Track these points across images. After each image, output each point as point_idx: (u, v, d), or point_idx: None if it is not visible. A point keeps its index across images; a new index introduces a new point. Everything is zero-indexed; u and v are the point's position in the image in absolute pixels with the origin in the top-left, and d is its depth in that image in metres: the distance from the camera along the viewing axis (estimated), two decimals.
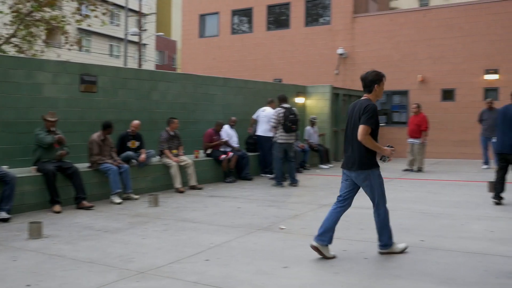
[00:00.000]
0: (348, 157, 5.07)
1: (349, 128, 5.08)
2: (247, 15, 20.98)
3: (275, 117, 10.15)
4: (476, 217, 6.98)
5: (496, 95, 15.80)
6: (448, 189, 9.72)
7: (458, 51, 16.39)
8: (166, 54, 48.89)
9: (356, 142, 4.94)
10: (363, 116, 4.87)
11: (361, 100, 5.08)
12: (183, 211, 7.58)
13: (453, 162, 15.21)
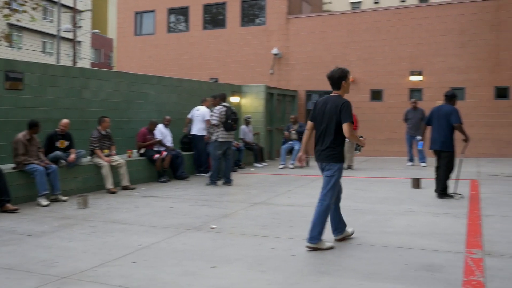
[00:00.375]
0: (320, 151, 5.33)
1: (323, 123, 5.26)
2: (183, 14, 20.72)
3: (217, 115, 10.00)
4: (400, 212, 7.19)
5: (420, 96, 16.41)
6: (376, 185, 9.99)
7: (385, 53, 16.90)
8: (103, 52, 47.61)
9: (330, 137, 5.22)
10: (342, 114, 5.10)
11: (332, 97, 5.28)
12: (113, 212, 7.36)
13: (381, 160, 15.67)
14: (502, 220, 6.53)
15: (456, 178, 8.65)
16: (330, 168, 5.28)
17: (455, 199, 8.17)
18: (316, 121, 5.38)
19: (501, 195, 8.54)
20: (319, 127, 5.34)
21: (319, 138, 5.35)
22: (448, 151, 8.13)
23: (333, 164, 5.26)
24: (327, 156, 5.25)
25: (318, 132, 5.36)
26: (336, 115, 5.14)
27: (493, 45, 15.55)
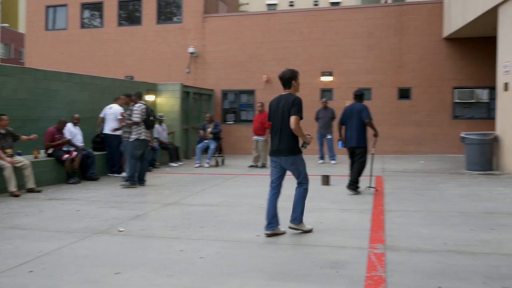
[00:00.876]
0: (277, 145, 5.67)
1: (277, 120, 5.63)
2: (97, 9, 19.87)
3: (139, 112, 9.56)
4: (309, 209, 7.22)
5: (331, 96, 16.82)
6: (288, 183, 10.00)
7: (298, 54, 17.16)
8: (13, 47, 44.78)
9: (286, 132, 5.56)
10: (293, 108, 5.47)
11: (285, 95, 5.65)
12: (14, 217, 6.83)
13: None
14: (403, 214, 6.76)
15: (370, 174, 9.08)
16: (292, 161, 5.67)
17: (369, 192, 8.56)
18: (272, 119, 5.71)
19: (403, 190, 8.87)
20: (275, 124, 5.68)
21: (275, 135, 5.69)
22: (362, 147, 8.49)
23: (293, 157, 5.64)
24: (285, 150, 5.61)
25: (275, 129, 5.69)
26: (289, 110, 5.50)
27: (397, 49, 16.25)
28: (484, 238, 5.41)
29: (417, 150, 16.07)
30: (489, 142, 11.11)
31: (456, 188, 8.91)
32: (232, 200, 8.18)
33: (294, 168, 5.74)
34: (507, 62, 10.84)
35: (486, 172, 10.85)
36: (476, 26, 13.38)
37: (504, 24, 11.09)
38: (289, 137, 5.57)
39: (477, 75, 15.63)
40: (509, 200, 7.66)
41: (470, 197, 7.96)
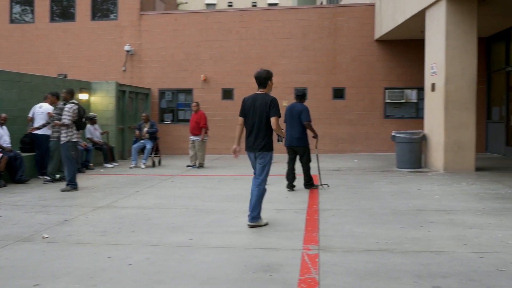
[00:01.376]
0: (252, 142, 5.95)
1: (254, 117, 5.90)
2: (29, 4, 18.80)
3: (70, 114, 8.91)
4: (245, 210, 7.03)
5: None
6: (224, 183, 9.86)
7: (235, 53, 16.98)
8: None
9: (261, 130, 5.88)
10: (272, 108, 5.81)
11: (260, 94, 5.99)
12: None
13: (232, 157, 15.64)
14: (337, 213, 6.72)
15: (318, 173, 9.22)
16: (263, 157, 5.94)
17: (322, 189, 8.66)
18: (247, 116, 5.97)
19: (337, 189, 8.88)
20: (250, 121, 5.95)
21: (251, 131, 5.96)
22: (304, 146, 8.58)
23: (266, 153, 5.94)
24: (261, 147, 5.90)
25: (250, 126, 5.96)
26: (266, 110, 5.81)
27: (331, 50, 16.41)
28: (414, 236, 5.43)
29: (351, 148, 16.31)
30: (418, 141, 11.38)
31: (387, 186, 9.03)
32: (167, 202, 7.88)
33: (262, 163, 5.98)
34: (434, 64, 11.14)
35: (416, 170, 11.11)
36: (406, 28, 13.72)
37: (431, 27, 11.40)
38: (264, 135, 5.91)
39: (407, 76, 16.06)
40: (436, 197, 7.81)
41: (400, 195, 8.07)
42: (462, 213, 6.56)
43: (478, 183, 9.10)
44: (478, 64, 10.86)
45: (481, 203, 7.22)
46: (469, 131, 10.64)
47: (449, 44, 10.54)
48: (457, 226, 5.85)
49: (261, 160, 5.96)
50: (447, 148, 10.62)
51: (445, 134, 10.62)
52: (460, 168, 10.60)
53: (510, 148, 14.01)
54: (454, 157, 10.61)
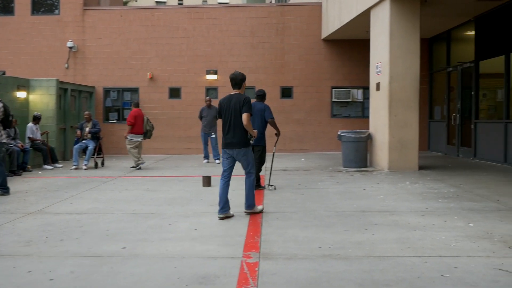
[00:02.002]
0: (230, 139, 6.24)
1: (229, 116, 6.21)
2: None
3: None
4: (185, 214, 6.68)
5: (216, 94, 16.36)
6: (167, 185, 9.39)
7: (183, 51, 16.47)
8: None
9: (238, 127, 6.18)
10: (244, 106, 6.11)
11: (235, 94, 6.28)
12: None
13: (179, 158, 15.21)
14: (281, 216, 6.43)
15: (270, 173, 8.92)
16: (244, 153, 6.29)
17: (268, 189, 8.37)
18: (224, 116, 6.27)
19: (283, 190, 8.61)
20: (226, 120, 6.24)
21: (228, 130, 6.25)
22: (261, 145, 8.35)
23: (244, 149, 6.27)
24: (238, 143, 6.21)
25: (226, 125, 6.25)
26: (240, 108, 6.12)
27: (279, 48, 16.19)
28: (358, 240, 5.20)
29: (299, 148, 16.15)
30: (363, 140, 11.29)
31: (333, 186, 8.83)
32: (104, 206, 7.36)
33: (244, 159, 6.34)
34: (379, 63, 11.07)
35: (361, 169, 11.01)
36: (351, 28, 13.65)
37: (375, 26, 11.32)
38: (241, 132, 6.20)
39: (353, 75, 16.05)
40: (381, 197, 7.66)
41: (346, 195, 7.87)
42: (406, 213, 6.41)
43: (421, 182, 9.05)
44: (421, 64, 10.88)
45: (424, 202, 7.11)
46: (413, 130, 10.63)
47: (393, 43, 10.48)
48: (401, 228, 5.67)
49: (243, 157, 6.32)
50: (391, 147, 10.57)
51: (390, 133, 10.57)
52: (404, 167, 10.57)
53: (450, 147, 14.22)
54: (398, 156, 10.57)
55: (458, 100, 13.63)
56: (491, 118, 12.45)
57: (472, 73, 12.85)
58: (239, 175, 8.61)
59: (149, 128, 12.38)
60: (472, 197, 7.44)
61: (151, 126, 12.47)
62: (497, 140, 11.56)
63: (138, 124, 12.06)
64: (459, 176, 9.76)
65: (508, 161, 11.16)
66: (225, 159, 6.39)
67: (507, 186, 8.41)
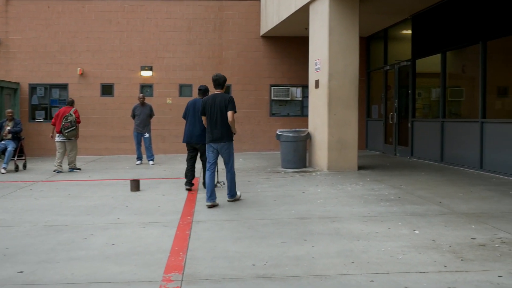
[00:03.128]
0: (216, 134, 6.70)
1: (216, 114, 6.66)
2: None
3: None
4: (105, 225, 5.78)
5: (151, 91, 15.36)
6: (92, 190, 8.38)
7: (116, 46, 15.33)
8: None
9: (224, 123, 6.65)
10: (229, 104, 6.62)
11: (219, 94, 6.73)
12: None
13: (111, 159, 14.10)
14: (212, 226, 5.67)
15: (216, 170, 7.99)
16: (228, 147, 6.77)
17: (218, 187, 7.77)
18: (209, 113, 6.70)
19: (217, 194, 7.84)
20: (213, 117, 6.68)
21: (215, 126, 6.69)
22: (204, 144, 7.60)
23: (228, 143, 6.77)
24: (223, 138, 6.70)
25: (213, 121, 6.69)
26: (225, 106, 6.61)
27: (217, 44, 15.39)
28: (296, 254, 4.53)
29: (237, 147, 15.27)
30: (302, 139, 10.73)
31: (271, 189, 8.17)
32: (12, 217, 6.32)
33: (227, 152, 6.81)
34: (318, 60, 10.54)
35: (300, 170, 10.44)
36: (290, 24, 13.09)
37: (314, 22, 10.78)
38: (226, 128, 6.71)
39: (291, 73, 15.52)
40: (321, 201, 7.07)
41: (284, 199, 7.22)
42: (347, 220, 5.83)
43: (361, 183, 8.56)
44: (359, 63, 10.42)
45: (366, 207, 6.58)
46: (352, 129, 10.17)
47: (332, 40, 9.96)
48: (343, 237, 5.06)
49: (227, 151, 6.80)
50: (330, 146, 10.06)
51: (329, 132, 10.05)
52: (343, 167, 10.09)
53: (388, 146, 13.98)
54: (338, 156, 10.08)
55: (395, 99, 13.39)
56: (427, 116, 12.26)
57: (409, 72, 12.61)
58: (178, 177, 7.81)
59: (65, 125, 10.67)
60: (414, 200, 6.99)
61: (69, 123, 10.70)
62: (433, 139, 11.34)
63: (58, 124, 10.90)
64: (398, 176, 9.37)
65: (444, 160, 10.95)
66: (210, 153, 6.86)
67: (447, 187, 8.07)
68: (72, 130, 10.79)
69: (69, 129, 10.73)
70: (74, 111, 11.02)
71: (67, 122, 10.74)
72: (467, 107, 10.82)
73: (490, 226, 5.39)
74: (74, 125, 10.82)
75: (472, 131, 9.87)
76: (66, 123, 10.73)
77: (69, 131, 10.74)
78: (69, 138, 10.85)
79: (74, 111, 11.06)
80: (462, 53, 10.79)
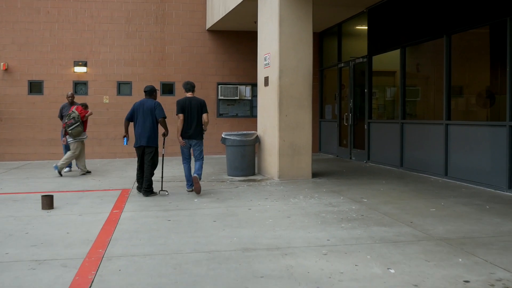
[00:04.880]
0: (192, 132, 7.55)
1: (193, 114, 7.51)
2: None
3: None
4: None
5: (86, 89, 13.58)
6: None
7: (45, 39, 13.42)
8: None
9: (199, 123, 7.59)
10: (204, 107, 7.64)
11: (193, 97, 7.66)
12: None
13: (39, 165, 12.20)
14: (126, 265, 4.17)
15: (161, 177, 8.09)
16: (200, 144, 7.67)
17: (160, 195, 7.40)
18: (187, 114, 7.49)
19: (146, 213, 6.36)
20: (190, 117, 7.51)
21: (191, 125, 7.52)
22: (153, 146, 7.49)
23: (201, 141, 7.71)
24: (197, 135, 7.61)
25: (190, 121, 7.50)
26: (201, 109, 7.57)
27: (159, 38, 13.77)
28: None
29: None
30: (250, 144, 9.38)
31: (212, 205, 6.73)
32: None
33: (199, 148, 7.62)
34: (267, 54, 9.20)
35: (248, 178, 9.08)
36: (238, 16, 11.70)
37: (263, 12, 9.43)
38: (200, 127, 7.60)
39: (240, 71, 14.14)
40: (270, 221, 5.70)
41: (226, 220, 5.81)
42: (303, 252, 4.48)
43: (316, 195, 7.26)
44: (312, 60, 9.15)
45: (324, 230, 5.26)
46: (305, 132, 8.91)
47: (283, 31, 8.64)
48: (298, 283, 3.70)
49: (199, 147, 7.61)
50: (282, 152, 8.75)
51: (280, 135, 8.75)
52: (296, 175, 8.81)
53: (343, 149, 12.83)
54: (290, 163, 8.79)
55: (350, 99, 12.25)
56: (386, 117, 11.18)
57: (365, 69, 11.48)
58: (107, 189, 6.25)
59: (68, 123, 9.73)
60: (380, 219, 5.75)
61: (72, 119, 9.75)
62: (392, 142, 10.26)
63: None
64: (357, 186, 8.15)
65: (404, 165, 9.87)
66: (184, 148, 7.62)
67: (414, 200, 6.90)
68: (77, 126, 9.71)
69: (73, 126, 9.71)
70: (77, 107, 9.99)
71: (70, 119, 9.75)
72: (430, 108, 9.79)
73: (481, 259, 4.19)
74: (78, 121, 9.74)
75: (436, 134, 8.80)
76: (69, 120, 9.75)
77: (73, 128, 9.69)
78: (76, 137, 9.79)
79: (77, 107, 10.01)
80: (423, 48, 9.73)
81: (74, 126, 9.68)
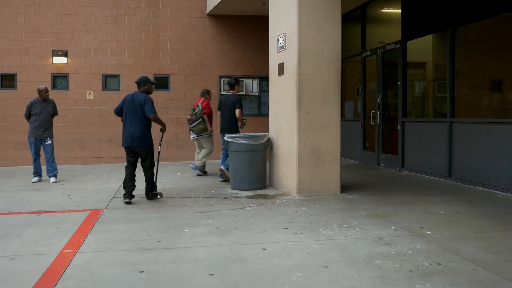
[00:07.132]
0: (226, 126, 8.04)
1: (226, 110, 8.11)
2: None
3: None
4: None
5: (66, 83, 11.54)
6: None
7: (19, 24, 11.38)
8: None
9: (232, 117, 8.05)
10: (237, 103, 7.99)
11: (230, 94, 8.17)
12: None
13: (9, 172, 10.18)
14: None
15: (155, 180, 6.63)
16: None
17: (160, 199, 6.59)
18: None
19: (110, 251, 4.31)
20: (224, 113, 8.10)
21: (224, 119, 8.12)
22: (147, 147, 6.60)
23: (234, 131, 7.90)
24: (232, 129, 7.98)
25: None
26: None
27: (151, 24, 11.70)
28: None
29: (178, 155, 11.84)
30: (260, 149, 7.29)
31: (209, 240, 4.63)
32: None
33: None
34: (282, 34, 7.12)
35: (258, 193, 7.01)
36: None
37: None
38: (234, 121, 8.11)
39: (246, 62, 12.07)
40: (296, 277, 3.62)
41: (228, 273, 3.72)
42: None
43: (355, 223, 5.16)
44: None
45: None
46: (332, 134, 6.81)
47: (303, 2, 6.56)
48: None
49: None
50: (302, 159, 6.67)
51: (300, 138, 6.66)
52: (320, 189, 6.73)
53: (368, 153, 10.71)
54: (313, 173, 6.71)
55: (378, 93, 10.13)
56: (426, 116, 9.09)
57: (398, 57, 9.38)
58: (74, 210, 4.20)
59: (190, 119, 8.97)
60: (471, 271, 3.65)
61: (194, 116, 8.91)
62: (436, 146, 8.16)
63: None
64: (405, 206, 6.02)
65: (454, 175, 7.76)
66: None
67: (500, 232, 4.79)
68: (199, 123, 8.80)
69: (194, 123, 8.84)
70: (202, 101, 9.02)
71: (192, 115, 8.90)
72: (494, 102, 7.68)
73: None
74: (200, 117, 8.78)
75: (502, 135, 6.70)
76: (191, 116, 8.92)
77: (195, 125, 8.82)
78: (199, 134, 8.94)
79: (203, 101, 9.05)
80: (479, 27, 7.63)
81: (195, 124, 8.82)
